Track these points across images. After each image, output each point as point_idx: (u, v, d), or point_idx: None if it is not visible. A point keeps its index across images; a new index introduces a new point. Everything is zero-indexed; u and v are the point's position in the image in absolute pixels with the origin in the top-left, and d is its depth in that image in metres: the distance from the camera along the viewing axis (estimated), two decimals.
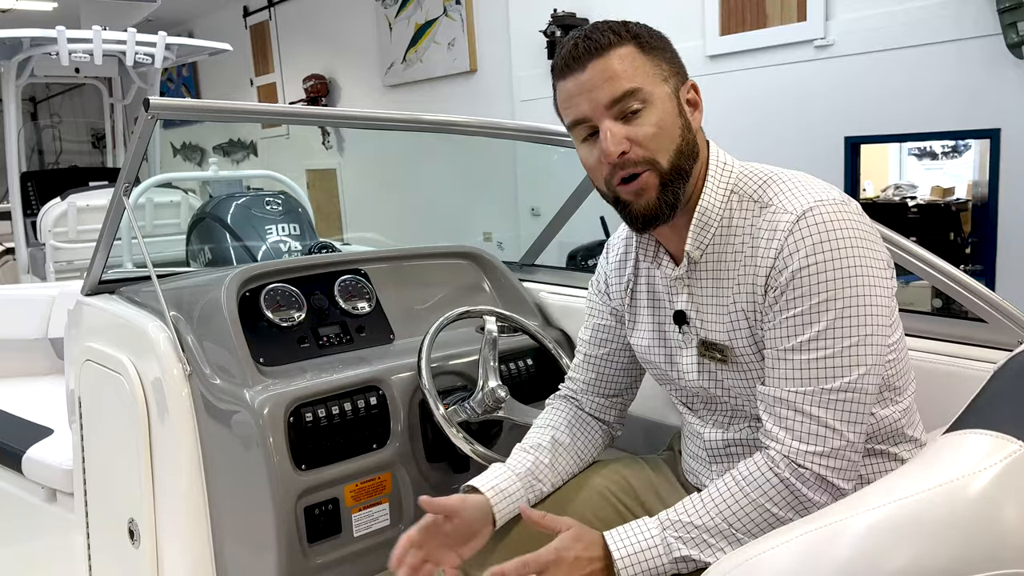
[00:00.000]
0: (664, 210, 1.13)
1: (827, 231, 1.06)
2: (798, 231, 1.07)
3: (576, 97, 1.12)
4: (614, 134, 1.10)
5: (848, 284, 1.05)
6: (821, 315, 1.06)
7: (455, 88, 5.98)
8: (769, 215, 1.12)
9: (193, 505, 1.62)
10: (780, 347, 1.09)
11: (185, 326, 1.67)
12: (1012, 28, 3.20)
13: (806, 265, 1.06)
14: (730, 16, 4.15)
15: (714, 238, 1.18)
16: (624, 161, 1.11)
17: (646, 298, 1.31)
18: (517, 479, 1.28)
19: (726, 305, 1.17)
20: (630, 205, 1.14)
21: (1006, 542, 0.73)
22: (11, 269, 5.41)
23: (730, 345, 1.17)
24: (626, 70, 1.10)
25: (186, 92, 9.45)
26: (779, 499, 1.06)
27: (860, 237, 1.08)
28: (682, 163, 1.13)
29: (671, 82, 1.14)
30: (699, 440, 1.30)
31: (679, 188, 1.14)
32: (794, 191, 1.12)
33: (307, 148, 7.37)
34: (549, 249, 2.30)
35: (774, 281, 1.09)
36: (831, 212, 1.07)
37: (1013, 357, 1.17)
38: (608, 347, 1.40)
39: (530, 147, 1.62)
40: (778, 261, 1.09)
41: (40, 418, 2.44)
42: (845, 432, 1.06)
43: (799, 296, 1.07)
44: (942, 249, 3.61)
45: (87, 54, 4.61)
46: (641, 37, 1.13)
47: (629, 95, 1.10)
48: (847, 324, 1.05)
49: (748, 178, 1.18)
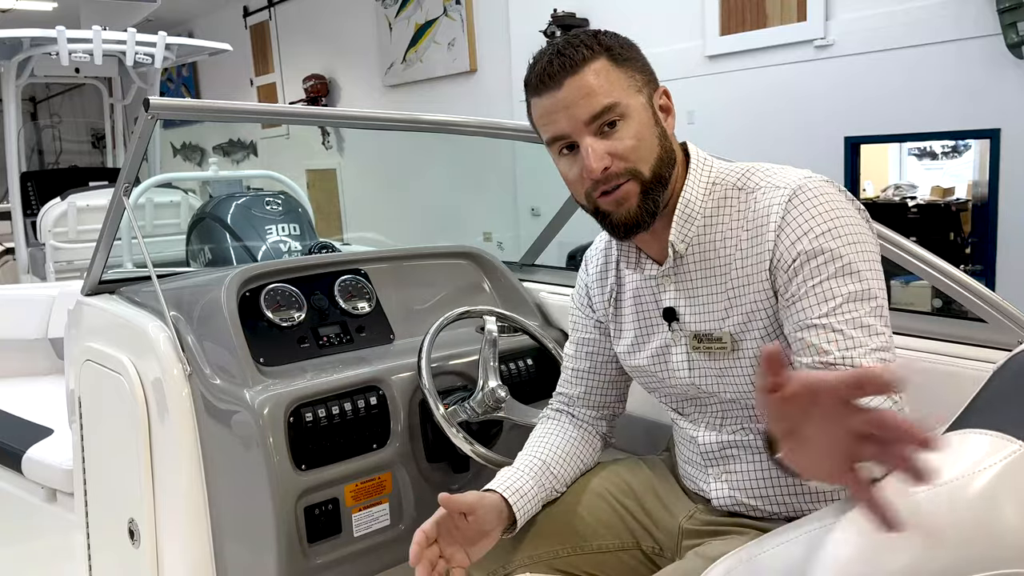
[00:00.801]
0: (645, 218, 1.15)
1: (827, 201, 1.09)
2: (798, 204, 1.09)
3: (554, 114, 1.13)
4: (595, 150, 1.11)
5: (861, 250, 1.07)
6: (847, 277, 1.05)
7: (455, 88, 5.98)
8: (759, 196, 1.14)
9: (193, 505, 1.62)
10: (812, 316, 1.07)
11: (185, 326, 1.67)
12: (1012, 28, 3.20)
13: (820, 232, 1.07)
14: (730, 16, 4.15)
15: (699, 230, 1.18)
16: (607, 176, 1.12)
17: (631, 304, 1.31)
18: (531, 479, 1.28)
19: (720, 293, 1.17)
20: (610, 215, 1.16)
21: (1006, 542, 0.73)
22: (11, 269, 5.41)
23: (728, 332, 1.17)
24: (602, 85, 1.11)
25: (186, 92, 9.46)
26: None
27: (852, 208, 1.11)
28: (662, 171, 1.15)
29: (644, 91, 1.15)
30: (693, 445, 1.29)
31: (659, 195, 1.15)
32: (778, 173, 1.16)
33: (307, 148, 7.37)
34: (549, 249, 2.30)
35: (786, 253, 1.09)
36: (822, 187, 1.11)
37: (1013, 357, 1.17)
38: (592, 360, 1.40)
39: (530, 147, 1.61)
40: (784, 232, 1.09)
41: (40, 418, 2.44)
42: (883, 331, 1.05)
43: (820, 263, 1.06)
44: (942, 249, 3.61)
45: (87, 54, 4.61)
46: (613, 49, 1.14)
47: (607, 110, 1.11)
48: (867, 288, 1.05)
49: (728, 170, 1.20)
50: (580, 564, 1.31)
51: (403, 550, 1.61)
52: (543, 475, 1.30)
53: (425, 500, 1.64)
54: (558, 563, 1.31)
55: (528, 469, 1.30)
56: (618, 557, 1.31)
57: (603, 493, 1.35)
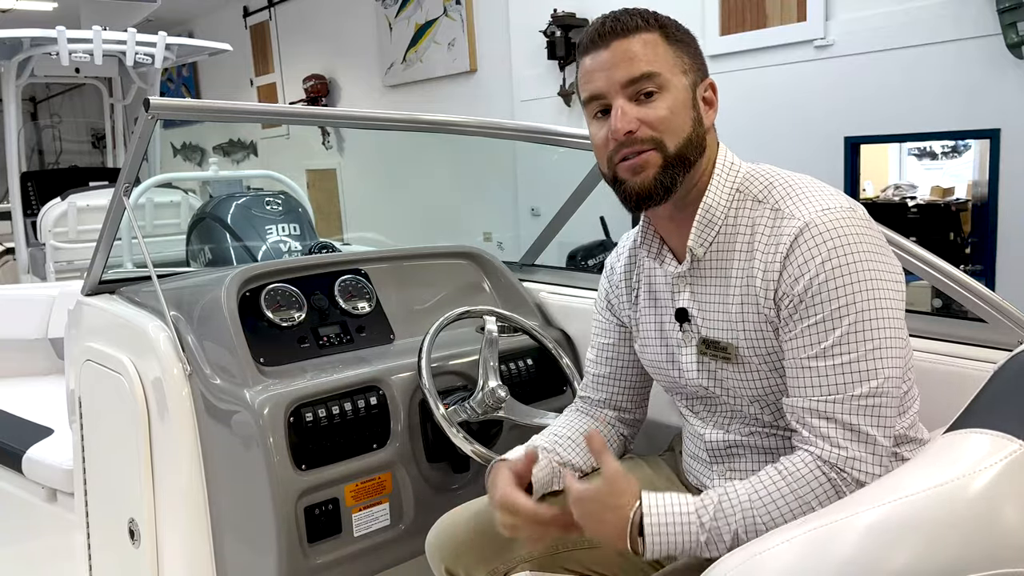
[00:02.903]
0: (659, 191, 1.13)
1: (834, 239, 1.06)
2: (805, 241, 1.07)
3: (594, 73, 1.14)
4: (625, 112, 1.11)
5: (863, 288, 1.05)
6: (840, 320, 1.05)
7: (455, 88, 5.98)
8: (772, 218, 1.12)
9: (193, 505, 1.62)
10: (802, 356, 1.08)
11: (185, 326, 1.67)
12: (1012, 28, 3.20)
13: (820, 272, 1.06)
14: (730, 16, 4.15)
15: (718, 236, 1.18)
16: (630, 139, 1.12)
17: (647, 298, 1.31)
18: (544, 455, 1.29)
19: (730, 303, 1.17)
20: (626, 183, 1.15)
21: (1006, 542, 0.74)
22: (11, 269, 5.41)
23: (733, 343, 1.17)
24: (647, 54, 1.11)
25: (186, 92, 9.45)
26: (825, 500, 1.04)
27: (868, 242, 1.07)
28: (688, 152, 1.14)
29: (690, 76, 1.15)
30: (700, 441, 1.30)
31: (678, 174, 1.14)
32: (799, 196, 1.12)
33: (307, 148, 7.37)
34: (549, 249, 2.30)
35: (789, 290, 1.09)
36: (838, 220, 1.07)
37: (1013, 357, 1.17)
38: (612, 365, 1.40)
39: (530, 147, 1.62)
40: (788, 270, 1.08)
41: (40, 418, 2.44)
42: (879, 438, 1.05)
43: (816, 304, 1.06)
44: (942, 249, 3.61)
45: (87, 54, 4.61)
46: (668, 28, 1.15)
47: (646, 77, 1.11)
48: (866, 327, 1.05)
49: (754, 178, 1.18)
50: (582, 561, 1.32)
51: (403, 550, 1.62)
52: (558, 445, 1.32)
53: (425, 500, 1.64)
54: (559, 560, 1.31)
55: (543, 441, 1.32)
56: (619, 554, 1.31)
57: None
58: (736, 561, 0.81)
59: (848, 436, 1.05)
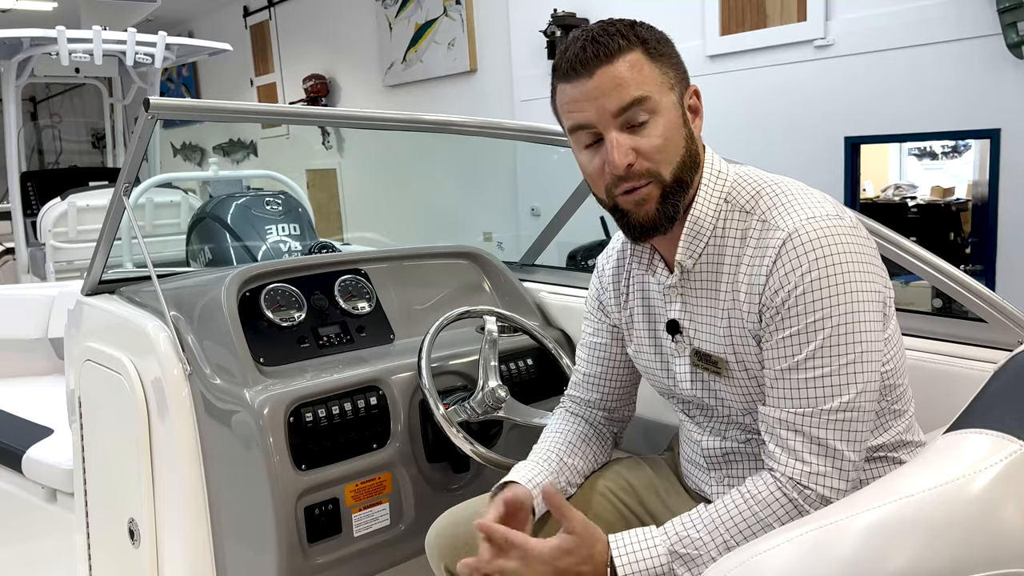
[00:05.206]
0: (663, 221, 1.13)
1: (817, 248, 1.05)
2: (787, 252, 1.06)
3: (581, 103, 1.10)
4: (620, 145, 1.08)
5: (841, 302, 1.04)
6: (815, 333, 1.05)
7: (455, 88, 5.98)
8: (760, 229, 1.11)
9: (193, 505, 1.62)
10: (777, 367, 1.09)
11: (185, 326, 1.67)
12: (1012, 28, 3.20)
13: (799, 285, 1.05)
14: (730, 16, 4.14)
15: (707, 248, 1.17)
16: (629, 173, 1.09)
17: (640, 307, 1.30)
18: (548, 473, 1.28)
19: (719, 317, 1.16)
20: (629, 215, 1.13)
21: (1005, 542, 0.73)
22: (11, 269, 5.41)
23: (723, 357, 1.17)
24: (635, 78, 1.08)
25: (186, 92, 9.45)
26: (786, 519, 1.05)
27: (851, 253, 1.06)
28: (684, 175, 1.12)
29: (676, 90, 1.13)
30: (697, 447, 1.30)
31: (679, 200, 1.13)
32: (785, 206, 1.11)
33: (307, 148, 7.37)
34: (549, 249, 2.30)
35: (769, 302, 1.08)
36: (820, 229, 1.06)
37: (1013, 357, 1.17)
38: (604, 365, 1.40)
39: (530, 147, 1.61)
40: (771, 281, 1.08)
41: (40, 418, 2.44)
42: (847, 452, 1.05)
43: (793, 316, 1.06)
44: (942, 249, 3.61)
45: (87, 54, 4.61)
46: (649, 42, 1.11)
47: (637, 104, 1.08)
48: (841, 341, 1.05)
49: (741, 187, 1.16)
50: None
51: (403, 550, 1.62)
52: (559, 469, 1.31)
53: (425, 500, 1.64)
54: None
55: (545, 463, 1.30)
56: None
57: (604, 492, 1.35)
58: (736, 561, 0.81)
59: (815, 450, 1.05)
